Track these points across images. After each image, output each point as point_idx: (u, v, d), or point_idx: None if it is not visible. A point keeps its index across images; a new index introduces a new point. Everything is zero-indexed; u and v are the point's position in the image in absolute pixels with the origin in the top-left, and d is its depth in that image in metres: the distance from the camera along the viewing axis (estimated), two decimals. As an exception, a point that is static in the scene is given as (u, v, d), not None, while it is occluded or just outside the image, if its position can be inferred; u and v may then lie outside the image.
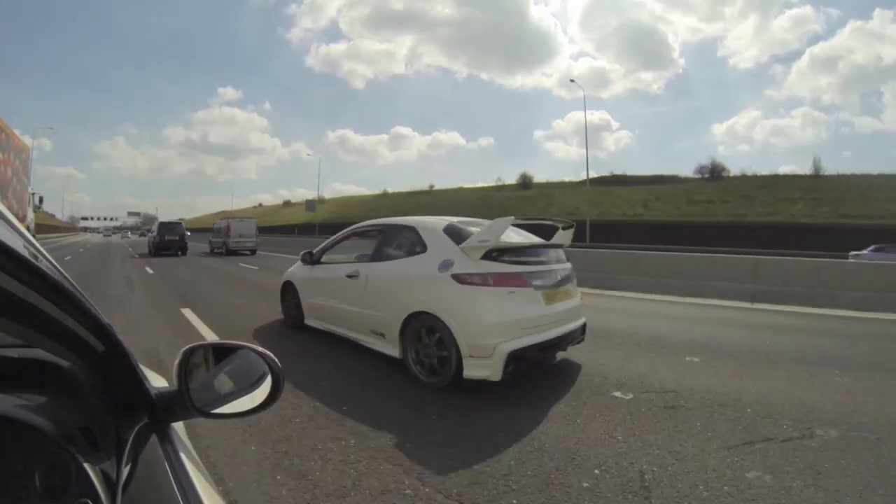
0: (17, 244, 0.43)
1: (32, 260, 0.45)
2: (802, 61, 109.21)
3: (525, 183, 52.02)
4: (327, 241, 4.98)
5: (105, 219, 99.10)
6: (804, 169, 39.45)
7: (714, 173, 41.72)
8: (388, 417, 2.82)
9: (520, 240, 3.73)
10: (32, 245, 0.48)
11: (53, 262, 0.53)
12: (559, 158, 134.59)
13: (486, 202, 47.44)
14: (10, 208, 0.46)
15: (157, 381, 1.01)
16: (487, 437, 2.59)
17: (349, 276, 4.14)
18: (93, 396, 0.71)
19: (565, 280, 3.74)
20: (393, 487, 2.09)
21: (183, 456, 0.77)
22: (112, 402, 0.73)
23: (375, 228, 4.37)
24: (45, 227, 44.04)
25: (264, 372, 0.83)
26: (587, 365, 3.87)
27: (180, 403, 0.79)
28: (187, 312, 5.95)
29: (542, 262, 3.61)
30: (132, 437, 0.70)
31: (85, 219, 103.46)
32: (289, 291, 5.21)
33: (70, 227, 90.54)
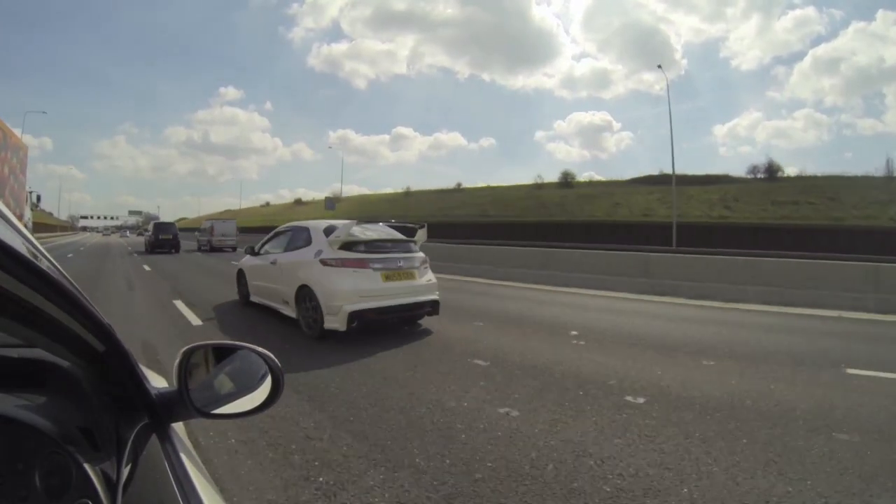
0: (17, 244, 0.45)
1: (33, 260, 0.47)
2: (805, 63, 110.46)
3: (567, 181, 50.62)
4: (265, 238, 6.86)
5: (105, 217, 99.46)
6: (842, 170, 39.61)
7: (770, 173, 40.29)
8: (275, 351, 3.99)
9: (369, 236, 5.38)
10: (33, 245, 0.50)
11: (54, 261, 0.55)
12: (560, 159, 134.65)
13: (538, 201, 45.12)
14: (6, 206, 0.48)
15: (157, 382, 1.04)
16: (343, 362, 4.24)
17: (272, 263, 6.09)
18: (93, 396, 0.74)
19: (408, 265, 5.35)
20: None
21: (183, 456, 0.80)
22: (112, 403, 0.76)
23: (289, 229, 6.32)
24: (40, 225, 43.90)
25: (264, 372, 0.86)
26: (473, 341, 5.11)
27: (180, 404, 0.83)
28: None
29: (385, 252, 5.28)
30: (132, 437, 0.73)
31: (84, 217, 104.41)
32: (241, 276, 7.26)
33: (68, 227, 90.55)
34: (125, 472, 0.69)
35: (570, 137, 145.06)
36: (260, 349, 0.87)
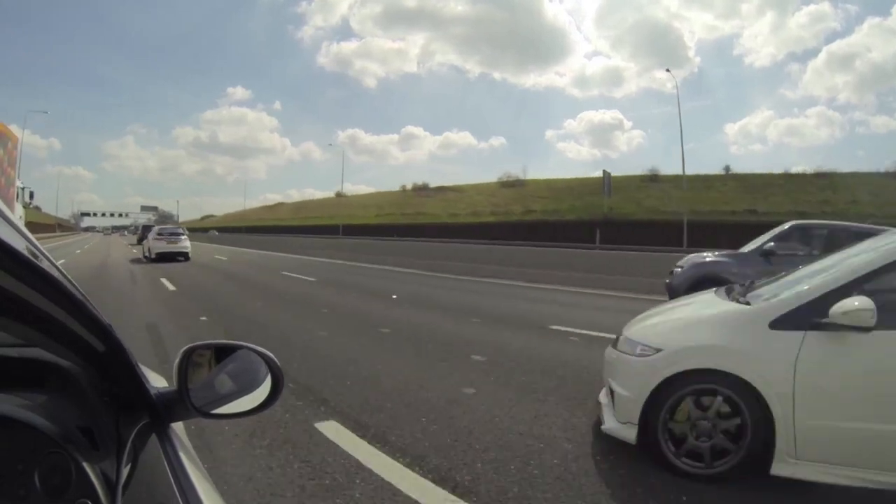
0: (17, 244, 0.45)
1: (33, 259, 0.47)
2: (819, 59, 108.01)
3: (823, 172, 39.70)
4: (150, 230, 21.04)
5: (113, 215, 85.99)
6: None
7: None
8: (141, 264, 18.03)
9: (165, 230, 19.81)
10: (33, 244, 0.51)
11: (54, 261, 0.55)
12: (571, 158, 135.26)
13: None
14: None
15: (157, 382, 1.04)
16: (154, 265, 16.64)
17: (146, 239, 20.90)
18: (93, 396, 0.74)
19: (176, 240, 18.51)
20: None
21: (183, 456, 0.80)
22: (112, 402, 0.76)
23: (150, 225, 24.94)
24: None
25: (264, 372, 0.86)
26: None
27: (180, 403, 0.83)
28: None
29: (169, 234, 18.97)
30: (132, 437, 0.73)
31: (86, 214, 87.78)
32: (142, 242, 21.47)
33: (66, 226, 79.43)
34: (125, 472, 0.69)
35: (580, 136, 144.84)
36: (260, 349, 0.88)
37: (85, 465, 0.65)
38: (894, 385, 2.08)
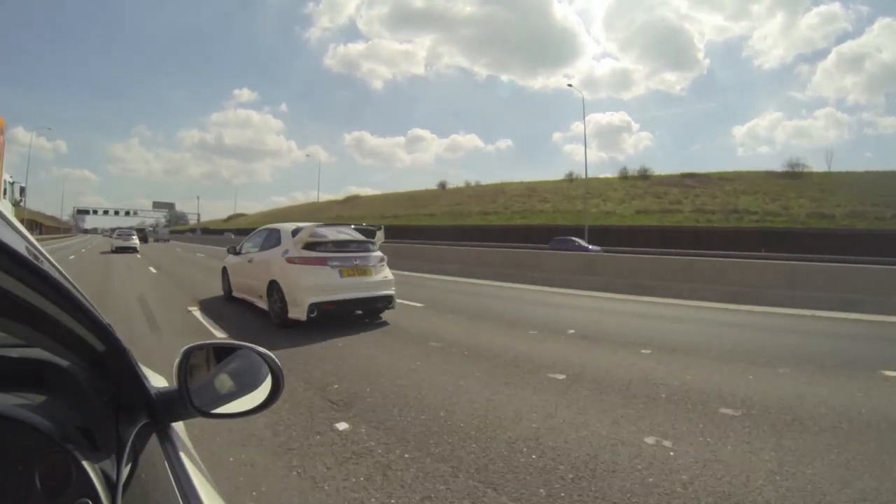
0: (17, 244, 0.45)
1: (33, 260, 0.47)
2: (829, 61, 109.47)
3: None
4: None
5: (118, 213, 73.99)
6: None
7: None
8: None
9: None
10: (33, 245, 0.51)
11: (54, 262, 0.55)
12: (578, 161, 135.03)
13: None
14: None
15: (157, 381, 1.05)
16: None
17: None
18: (93, 396, 0.74)
19: (128, 238, 25.17)
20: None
21: (183, 456, 0.81)
22: (112, 402, 0.76)
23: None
24: None
25: (264, 372, 0.87)
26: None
27: (180, 403, 0.83)
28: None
29: (125, 236, 25.71)
30: (132, 436, 0.73)
31: (84, 212, 77.59)
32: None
33: (58, 227, 71.00)
34: (125, 471, 0.69)
35: (587, 139, 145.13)
36: (260, 349, 0.88)
37: (85, 464, 0.64)
38: (241, 268, 7.33)
